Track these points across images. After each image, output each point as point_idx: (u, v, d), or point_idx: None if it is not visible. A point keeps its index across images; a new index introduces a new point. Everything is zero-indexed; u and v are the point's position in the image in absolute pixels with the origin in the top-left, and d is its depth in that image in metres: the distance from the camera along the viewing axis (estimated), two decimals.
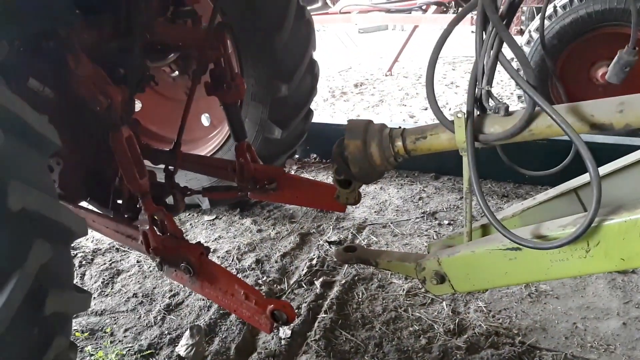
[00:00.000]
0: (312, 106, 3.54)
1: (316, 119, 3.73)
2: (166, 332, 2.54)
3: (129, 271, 3.07)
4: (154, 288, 2.89)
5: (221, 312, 2.62)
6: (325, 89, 7.71)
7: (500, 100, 1.59)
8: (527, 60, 1.47)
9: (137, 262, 3.16)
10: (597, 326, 2.37)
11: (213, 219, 3.70)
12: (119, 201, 2.46)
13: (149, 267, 3.09)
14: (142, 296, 2.82)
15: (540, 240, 1.51)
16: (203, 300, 2.73)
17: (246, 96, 3.02)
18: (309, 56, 3.23)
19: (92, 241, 3.45)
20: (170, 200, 2.57)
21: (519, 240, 1.51)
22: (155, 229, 2.14)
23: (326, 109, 6.82)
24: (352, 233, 3.31)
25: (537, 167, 1.93)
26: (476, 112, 1.63)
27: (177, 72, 3.14)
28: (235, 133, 2.75)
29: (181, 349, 2.38)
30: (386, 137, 1.78)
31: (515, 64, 1.57)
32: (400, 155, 1.80)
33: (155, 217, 2.14)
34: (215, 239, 3.41)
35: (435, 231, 3.33)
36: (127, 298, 2.82)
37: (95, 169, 2.46)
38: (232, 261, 3.10)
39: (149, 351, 2.42)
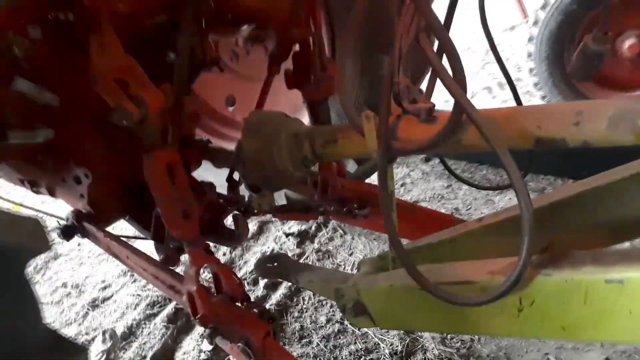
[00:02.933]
0: None
1: None
2: (84, 331, 2.29)
3: (67, 255, 2.83)
4: (87, 277, 2.63)
5: (147, 312, 2.35)
6: None
7: (424, 97, 1.18)
8: (452, 45, 1.05)
9: (78, 245, 2.91)
10: (575, 359, 1.99)
11: None
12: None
13: (89, 251, 2.84)
14: (72, 286, 2.57)
15: (461, 287, 1.15)
16: (133, 295, 2.47)
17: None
18: None
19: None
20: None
21: (429, 289, 1.14)
22: (205, 289, 1.56)
23: None
24: (317, 224, 2.96)
25: None
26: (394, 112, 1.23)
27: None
28: None
29: (92, 354, 2.13)
30: (291, 137, 1.40)
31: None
32: (309, 160, 1.42)
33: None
34: None
35: None
36: (56, 287, 2.58)
37: (135, 180, 1.78)
38: None
39: None
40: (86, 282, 2.60)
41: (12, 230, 0.86)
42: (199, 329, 2.25)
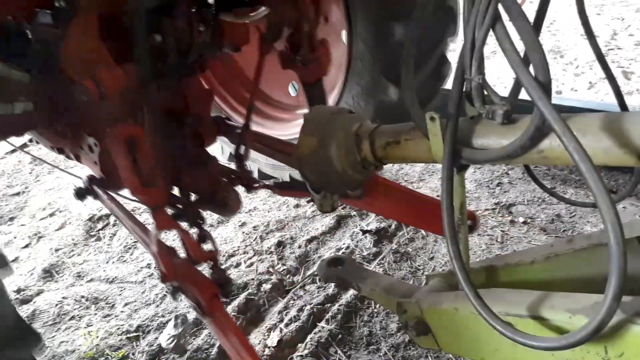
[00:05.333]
0: None
1: None
2: (160, 313, 2.36)
3: None
4: None
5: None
6: None
7: (502, 98, 0.98)
8: (535, 40, 0.85)
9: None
10: None
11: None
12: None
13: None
14: (155, 267, 2.68)
15: (532, 323, 0.98)
16: None
17: (354, 50, 2.28)
18: None
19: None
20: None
21: (496, 325, 0.98)
22: (169, 250, 1.70)
23: None
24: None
25: None
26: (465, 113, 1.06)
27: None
28: None
29: (164, 337, 2.19)
30: (351, 136, 1.28)
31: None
32: (369, 162, 1.29)
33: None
34: (250, 210, 3.13)
35: (503, 230, 2.67)
36: (140, 268, 2.70)
37: None
38: (253, 240, 2.81)
39: (135, 334, 2.26)
40: None
41: None
42: (267, 323, 2.23)
